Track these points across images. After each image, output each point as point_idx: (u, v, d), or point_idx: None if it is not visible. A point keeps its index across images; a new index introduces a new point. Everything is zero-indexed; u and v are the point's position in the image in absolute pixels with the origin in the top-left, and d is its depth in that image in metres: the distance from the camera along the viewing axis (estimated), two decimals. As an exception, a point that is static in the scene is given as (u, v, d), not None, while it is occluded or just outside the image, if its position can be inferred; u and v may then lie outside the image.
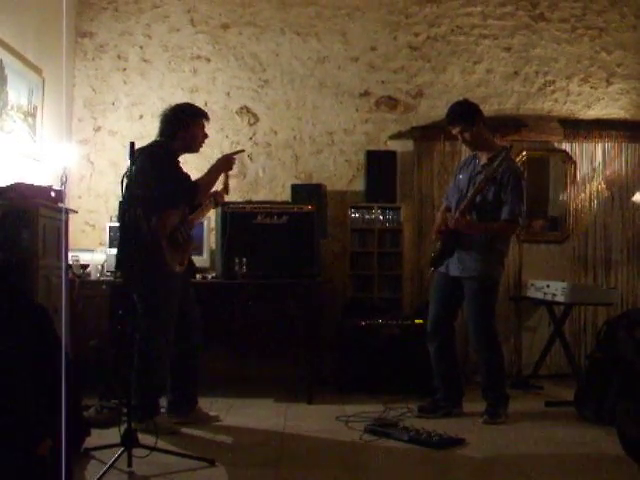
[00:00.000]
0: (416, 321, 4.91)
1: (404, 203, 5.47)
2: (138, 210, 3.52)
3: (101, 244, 5.25)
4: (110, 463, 2.97)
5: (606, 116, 5.71)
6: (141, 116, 5.52)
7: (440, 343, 4.24)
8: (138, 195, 3.47)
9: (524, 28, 5.72)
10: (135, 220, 3.54)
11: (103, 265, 4.96)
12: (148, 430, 3.38)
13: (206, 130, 3.96)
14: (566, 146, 5.67)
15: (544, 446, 3.62)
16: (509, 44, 5.72)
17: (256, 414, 4.24)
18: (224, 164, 3.97)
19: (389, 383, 4.77)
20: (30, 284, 3.78)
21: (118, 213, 3.77)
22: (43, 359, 2.80)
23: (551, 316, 5.20)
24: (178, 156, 3.86)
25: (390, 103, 5.68)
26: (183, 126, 3.84)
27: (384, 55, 5.68)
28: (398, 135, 5.64)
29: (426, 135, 5.59)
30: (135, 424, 3.23)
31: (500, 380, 4.19)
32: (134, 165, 3.34)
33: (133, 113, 5.58)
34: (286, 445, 3.62)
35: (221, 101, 5.62)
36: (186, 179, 3.79)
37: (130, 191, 3.35)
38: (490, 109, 5.40)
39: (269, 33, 5.65)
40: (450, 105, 4.30)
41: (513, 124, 5.60)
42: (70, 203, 5.06)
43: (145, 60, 5.61)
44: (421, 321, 4.78)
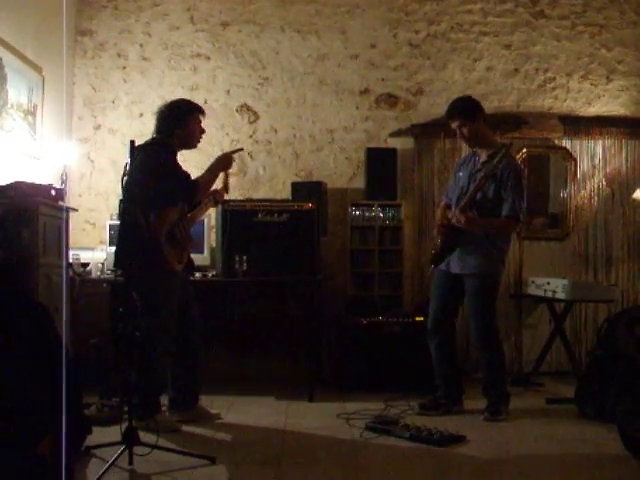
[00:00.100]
0: (417, 318, 4.91)
1: (404, 201, 5.47)
2: (137, 208, 3.52)
3: (101, 242, 5.25)
4: (111, 461, 2.98)
5: (606, 113, 5.70)
6: (141, 114, 5.52)
7: (441, 340, 4.25)
8: (137, 193, 3.47)
9: (524, 25, 5.71)
10: (134, 218, 3.54)
11: (103, 263, 4.96)
12: (149, 428, 3.39)
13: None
14: (566, 143, 5.67)
15: (545, 443, 3.62)
16: (509, 41, 5.71)
17: (257, 412, 4.25)
18: (223, 163, 3.97)
19: (390, 381, 4.76)
20: (31, 282, 3.78)
21: (118, 211, 3.77)
22: (44, 357, 2.80)
23: (552, 313, 5.21)
24: (176, 153, 3.86)
25: (390, 100, 5.67)
26: (179, 122, 3.83)
27: (384, 52, 5.67)
28: (398, 133, 5.64)
29: (426, 132, 5.59)
30: (136, 422, 3.23)
31: (501, 377, 4.19)
32: (133, 163, 3.35)
33: (133, 111, 5.57)
34: (287, 443, 3.62)
35: (221, 99, 5.62)
36: (186, 178, 3.79)
37: (129, 189, 3.35)
38: (490, 106, 5.38)
39: (269, 31, 5.65)
40: (452, 100, 4.32)
41: (513, 121, 5.60)
42: (70, 201, 5.06)
43: (145, 58, 5.61)
44: (422, 318, 4.78)
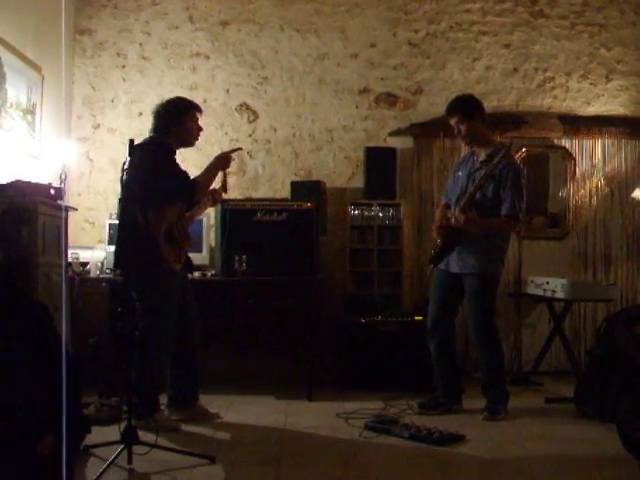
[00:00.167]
0: (416, 318, 4.91)
1: (404, 200, 5.47)
2: (136, 207, 3.52)
3: (100, 241, 5.25)
4: (110, 460, 2.98)
5: (606, 113, 5.70)
6: (140, 113, 5.51)
7: (440, 340, 4.25)
8: (136, 192, 3.47)
9: (523, 25, 5.71)
10: (133, 217, 3.54)
11: (103, 263, 4.96)
12: (148, 427, 3.38)
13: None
14: (566, 143, 5.67)
15: (544, 443, 3.62)
16: (508, 41, 5.71)
17: (256, 411, 4.25)
18: (222, 162, 3.97)
19: (389, 380, 4.76)
20: (30, 282, 3.78)
21: (117, 210, 3.77)
22: (43, 356, 2.81)
23: (551, 312, 5.21)
24: (175, 152, 3.85)
25: (389, 100, 5.67)
26: (176, 120, 3.82)
27: (383, 52, 5.67)
28: (397, 132, 5.63)
29: (426, 132, 5.58)
30: (135, 421, 3.23)
31: (500, 377, 4.19)
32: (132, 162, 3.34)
33: (132, 110, 5.57)
34: (286, 442, 3.62)
35: (220, 98, 5.61)
36: (184, 177, 3.78)
37: (128, 188, 3.35)
38: (490, 106, 5.37)
39: (268, 30, 5.64)
40: (454, 97, 4.36)
41: (513, 121, 5.60)
42: (69, 201, 5.06)
43: (144, 57, 5.61)
44: (421, 318, 4.78)
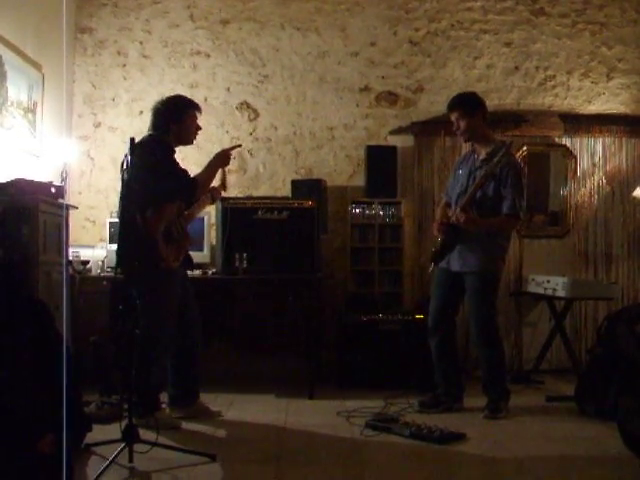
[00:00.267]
0: (417, 316, 4.91)
1: (404, 198, 5.46)
2: (135, 205, 3.52)
3: (101, 240, 5.25)
4: (111, 458, 2.98)
5: (607, 111, 5.70)
6: (141, 112, 5.50)
7: (441, 338, 4.25)
8: (135, 190, 3.47)
9: (524, 23, 5.70)
10: (133, 215, 3.54)
11: (103, 261, 4.96)
12: (149, 426, 3.38)
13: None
14: (567, 141, 5.66)
15: (545, 441, 3.62)
16: (509, 39, 5.70)
17: (257, 409, 4.25)
18: (221, 159, 3.97)
19: (390, 378, 4.77)
20: (31, 280, 3.78)
21: (118, 209, 3.77)
22: (44, 355, 2.81)
23: (552, 311, 5.20)
24: (174, 150, 3.84)
25: (390, 98, 5.67)
26: (175, 118, 3.82)
27: (384, 50, 5.67)
28: (398, 130, 5.63)
29: (426, 130, 5.58)
30: (136, 420, 3.24)
31: (501, 375, 4.19)
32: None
33: (133, 109, 5.57)
34: (287, 440, 3.62)
35: (221, 96, 5.61)
36: (185, 176, 3.78)
37: (129, 186, 3.35)
38: (490, 104, 5.32)
39: (269, 28, 5.64)
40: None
41: (513, 119, 5.59)
42: (70, 199, 5.05)
43: (145, 56, 5.60)
44: (422, 316, 4.78)
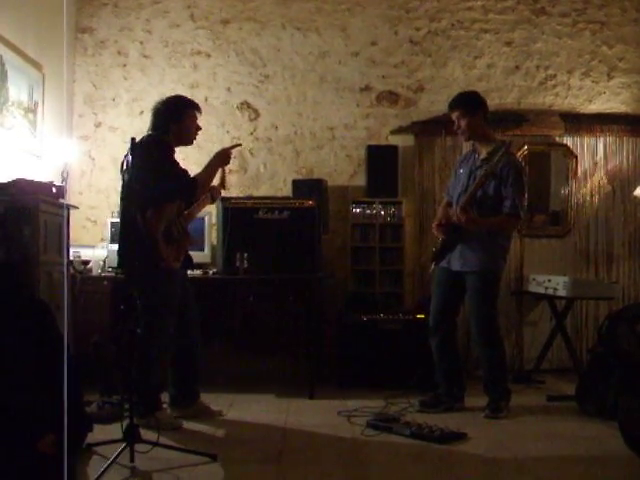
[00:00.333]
0: (417, 316, 4.91)
1: (405, 198, 5.46)
2: (135, 205, 3.52)
3: (102, 240, 5.25)
4: (112, 458, 2.98)
5: (607, 110, 5.70)
6: (142, 112, 5.50)
7: (442, 338, 4.25)
8: (136, 189, 3.46)
9: (525, 22, 5.70)
10: (134, 216, 3.54)
11: (104, 261, 4.96)
12: (150, 425, 3.38)
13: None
14: (567, 140, 5.66)
15: (546, 441, 3.62)
16: (510, 38, 5.70)
17: (258, 409, 4.25)
18: (221, 159, 3.96)
19: (390, 378, 4.76)
20: (32, 280, 3.78)
21: (119, 209, 3.77)
22: (45, 355, 2.80)
23: (553, 310, 5.20)
24: (174, 150, 3.83)
25: (391, 98, 5.67)
26: (174, 118, 3.82)
27: (385, 50, 5.67)
28: (399, 130, 5.63)
29: (427, 130, 5.58)
30: (137, 420, 3.24)
31: (502, 375, 4.19)
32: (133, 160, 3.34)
33: (134, 109, 5.57)
34: (287, 440, 3.62)
35: (222, 96, 5.61)
36: (184, 175, 3.77)
37: (130, 186, 3.35)
38: (491, 104, 5.30)
39: (269, 28, 5.64)
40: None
41: (514, 119, 5.59)
42: (71, 199, 5.05)
43: (145, 56, 5.61)
44: (422, 316, 4.78)
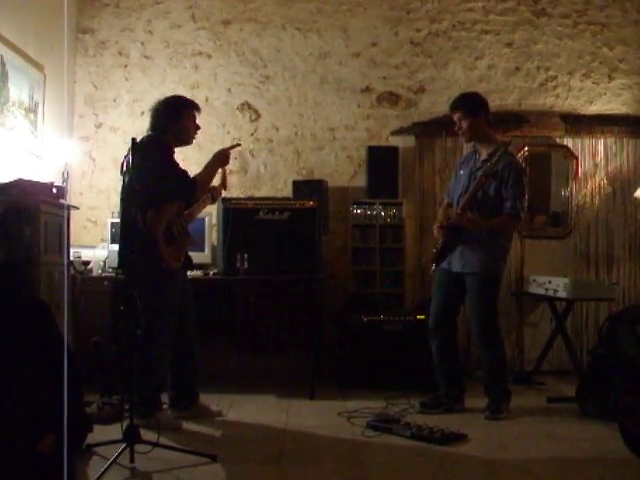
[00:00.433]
0: (418, 317, 4.91)
1: (406, 199, 5.46)
2: (135, 205, 3.52)
3: (103, 240, 5.25)
4: (112, 459, 2.98)
5: (608, 111, 5.69)
6: (142, 112, 5.47)
7: (442, 339, 4.24)
8: (136, 190, 3.47)
9: (526, 23, 5.70)
10: (134, 216, 3.54)
11: (105, 261, 4.96)
12: (150, 426, 3.38)
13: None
14: (568, 142, 5.66)
15: (546, 442, 3.62)
16: (511, 39, 5.70)
17: (258, 410, 4.25)
18: (221, 159, 3.96)
19: (391, 379, 4.77)
20: (32, 280, 3.78)
21: (120, 210, 3.77)
22: (45, 355, 2.80)
23: (553, 312, 5.20)
24: (174, 150, 3.83)
25: (391, 99, 5.67)
26: (173, 118, 3.82)
27: (385, 51, 5.67)
28: (400, 131, 5.63)
29: (428, 131, 5.58)
30: (137, 420, 3.24)
31: (502, 376, 4.19)
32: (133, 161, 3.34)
33: (134, 109, 5.57)
34: (288, 441, 3.62)
35: (222, 97, 5.61)
36: (184, 175, 3.78)
37: (130, 187, 3.35)
38: (492, 105, 5.27)
39: (270, 29, 5.64)
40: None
41: (515, 120, 5.59)
42: (72, 199, 5.06)
43: (146, 56, 5.61)
44: (423, 317, 4.78)
